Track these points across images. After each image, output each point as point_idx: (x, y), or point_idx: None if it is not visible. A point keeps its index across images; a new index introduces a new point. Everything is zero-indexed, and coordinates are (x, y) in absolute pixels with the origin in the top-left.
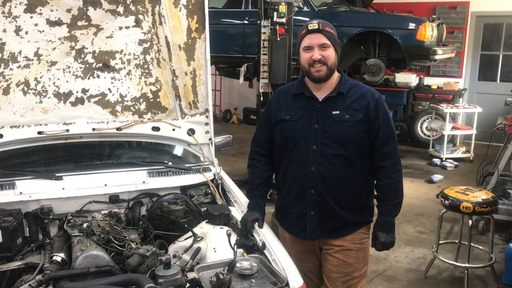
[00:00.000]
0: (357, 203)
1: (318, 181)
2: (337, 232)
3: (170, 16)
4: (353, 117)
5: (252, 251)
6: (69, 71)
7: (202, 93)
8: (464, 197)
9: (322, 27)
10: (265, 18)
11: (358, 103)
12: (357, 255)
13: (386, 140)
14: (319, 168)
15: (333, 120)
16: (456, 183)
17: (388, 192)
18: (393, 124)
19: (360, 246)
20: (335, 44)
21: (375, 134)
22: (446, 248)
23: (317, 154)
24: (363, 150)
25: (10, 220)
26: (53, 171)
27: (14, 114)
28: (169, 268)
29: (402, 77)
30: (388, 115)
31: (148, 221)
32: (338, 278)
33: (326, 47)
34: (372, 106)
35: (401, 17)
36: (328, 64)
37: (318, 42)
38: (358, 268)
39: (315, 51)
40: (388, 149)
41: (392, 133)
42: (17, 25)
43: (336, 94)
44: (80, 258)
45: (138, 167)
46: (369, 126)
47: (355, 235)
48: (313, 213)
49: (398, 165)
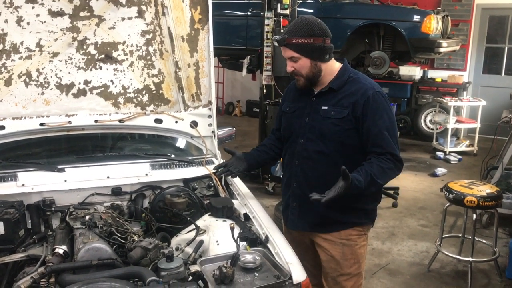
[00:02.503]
0: (343, 203)
1: (300, 175)
2: (321, 227)
3: (173, 7)
4: (338, 114)
5: (255, 244)
6: (71, 63)
7: (205, 85)
8: (468, 191)
9: (288, 40)
10: (269, 10)
11: (346, 100)
12: (343, 251)
13: (376, 140)
14: (301, 162)
15: (320, 116)
16: (459, 176)
17: (375, 166)
18: (391, 121)
19: (347, 242)
20: (308, 53)
21: (366, 134)
22: (449, 242)
23: (302, 148)
24: (348, 149)
25: (12, 212)
26: (55, 163)
27: (16, 106)
28: (172, 261)
29: (406, 70)
30: (383, 113)
31: (150, 213)
32: (328, 273)
33: (295, 60)
34: (360, 103)
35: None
36: (304, 74)
37: (285, 55)
38: (346, 265)
39: (287, 63)
40: (378, 149)
41: (386, 131)
42: (18, 15)
43: (328, 89)
44: (82, 251)
45: (140, 160)
46: (356, 125)
47: (342, 231)
48: (295, 205)
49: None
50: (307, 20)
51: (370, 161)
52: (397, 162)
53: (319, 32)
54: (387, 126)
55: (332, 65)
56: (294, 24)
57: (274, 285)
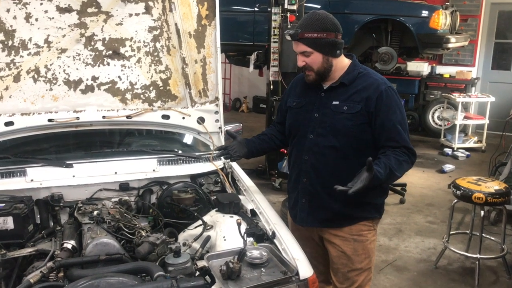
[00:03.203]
0: (353, 197)
1: (310, 171)
2: (330, 222)
3: (180, 3)
4: (350, 109)
5: (262, 240)
6: (79, 59)
7: (212, 81)
8: (476, 188)
9: (301, 34)
10: (276, 5)
11: (358, 95)
12: (354, 247)
13: (390, 134)
14: (311, 157)
15: (331, 111)
16: (467, 173)
17: (392, 158)
18: (402, 115)
19: (358, 238)
20: (320, 48)
21: (379, 128)
22: (457, 238)
23: (312, 144)
24: (361, 144)
25: (22, 207)
26: (63, 158)
27: (25, 102)
28: (179, 256)
29: (414, 65)
30: (396, 107)
31: (158, 209)
32: (338, 269)
33: (307, 55)
34: (373, 98)
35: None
36: (315, 69)
37: (298, 50)
38: (358, 260)
39: (298, 58)
40: (393, 143)
41: (399, 125)
42: (27, 11)
43: (339, 84)
44: (91, 246)
45: (148, 155)
46: (369, 120)
47: (352, 227)
48: (305, 201)
49: (411, 156)
50: (320, 15)
51: (386, 154)
52: (411, 155)
53: (332, 27)
54: (400, 121)
55: (342, 61)
56: (307, 19)
57: (280, 281)
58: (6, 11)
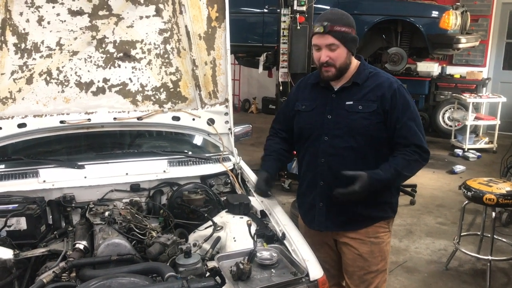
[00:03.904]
0: (371, 197)
1: (327, 173)
2: (348, 225)
3: (190, 5)
4: (366, 108)
5: (272, 241)
6: (91, 61)
7: (222, 83)
8: (487, 189)
9: (331, 27)
10: (285, 7)
11: (373, 94)
12: (371, 249)
13: (402, 131)
14: (328, 159)
15: (345, 111)
16: (478, 174)
17: (399, 158)
18: (416, 113)
19: (375, 240)
20: (347, 42)
21: (393, 126)
22: (468, 240)
23: (328, 146)
24: (377, 143)
25: (34, 208)
26: (75, 160)
27: (37, 104)
28: (190, 257)
29: (424, 66)
30: (409, 105)
31: (168, 210)
32: (354, 272)
33: (334, 48)
34: (388, 97)
35: (424, 5)
36: (337, 65)
37: (325, 43)
38: (374, 262)
39: (322, 53)
40: (404, 140)
41: (411, 122)
42: (39, 15)
43: (351, 84)
44: (102, 246)
45: (158, 156)
46: (385, 118)
47: (370, 229)
48: (322, 205)
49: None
50: (341, 11)
51: (394, 156)
52: (422, 153)
53: (354, 24)
54: (413, 118)
55: (353, 61)
56: (333, 13)
57: (291, 282)
58: (19, 15)
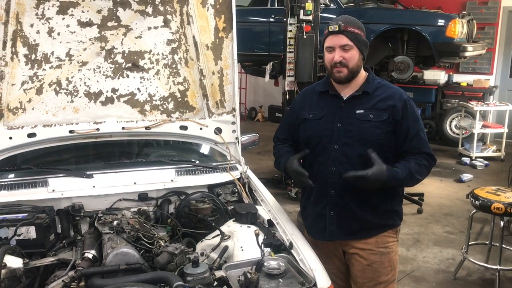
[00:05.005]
0: (380, 205)
1: (338, 181)
2: (358, 233)
3: (198, 16)
4: (377, 117)
5: (280, 250)
6: (99, 71)
7: (229, 92)
8: (495, 198)
9: (345, 27)
10: (291, 16)
11: (383, 103)
12: (381, 260)
13: (413, 142)
14: (339, 168)
15: (356, 119)
16: (486, 182)
17: (412, 162)
18: (422, 123)
19: (385, 250)
20: (360, 44)
21: (404, 136)
22: (476, 249)
23: (338, 154)
24: (384, 150)
25: (44, 217)
26: (83, 169)
27: (47, 114)
28: (198, 266)
29: (431, 74)
30: (417, 115)
31: (176, 219)
32: (364, 283)
33: (348, 49)
34: (399, 107)
35: (430, 14)
36: (350, 66)
37: (339, 43)
38: (384, 272)
39: (336, 53)
40: (416, 150)
41: (422, 133)
42: (49, 26)
43: (361, 93)
44: (111, 255)
45: (166, 166)
46: (395, 128)
47: (379, 239)
48: (333, 214)
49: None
50: (351, 17)
51: (406, 159)
52: (431, 161)
53: (364, 29)
54: (422, 128)
55: (362, 71)
56: (345, 17)
57: None
58: (30, 26)
